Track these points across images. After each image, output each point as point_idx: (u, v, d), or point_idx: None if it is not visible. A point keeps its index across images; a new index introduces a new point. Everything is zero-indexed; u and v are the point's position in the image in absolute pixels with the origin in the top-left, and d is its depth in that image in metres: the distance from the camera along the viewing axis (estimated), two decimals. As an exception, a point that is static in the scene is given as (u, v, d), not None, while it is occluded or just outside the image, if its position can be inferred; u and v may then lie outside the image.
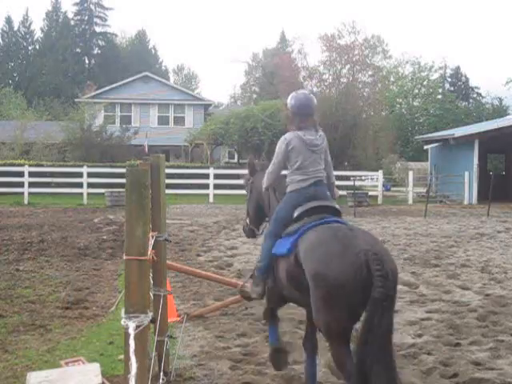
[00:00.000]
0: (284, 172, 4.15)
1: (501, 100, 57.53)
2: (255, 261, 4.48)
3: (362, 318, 3.18)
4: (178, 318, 5.65)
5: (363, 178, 30.93)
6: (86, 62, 68.30)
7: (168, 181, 5.85)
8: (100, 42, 68.56)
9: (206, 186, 24.21)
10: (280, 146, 4.07)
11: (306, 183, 3.96)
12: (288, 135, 4.07)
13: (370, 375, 3.04)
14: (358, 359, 3.12)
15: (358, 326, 3.26)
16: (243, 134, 28.69)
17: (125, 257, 2.84)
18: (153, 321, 2.87)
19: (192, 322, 5.71)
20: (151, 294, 3.52)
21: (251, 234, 4.70)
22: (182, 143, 35.26)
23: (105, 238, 11.77)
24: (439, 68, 60.22)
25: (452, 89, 63.17)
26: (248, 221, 4.68)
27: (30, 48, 67.12)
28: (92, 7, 67.75)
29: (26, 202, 21.97)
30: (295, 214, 3.85)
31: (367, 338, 3.08)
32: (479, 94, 63.89)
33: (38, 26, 79.64)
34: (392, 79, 53.87)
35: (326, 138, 4.25)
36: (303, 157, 3.97)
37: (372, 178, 30.11)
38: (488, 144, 25.67)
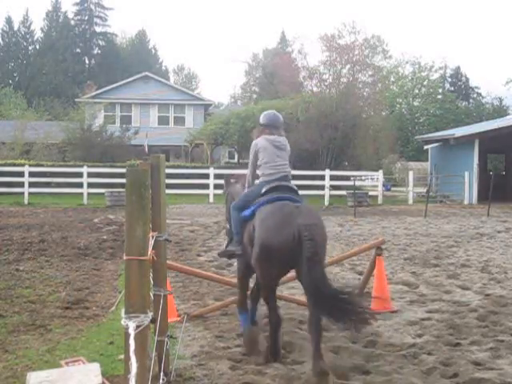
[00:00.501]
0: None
1: (501, 100, 57.58)
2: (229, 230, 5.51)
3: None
4: (178, 318, 5.65)
5: (363, 177, 30.94)
6: (86, 62, 68.32)
7: (168, 181, 5.85)
8: (100, 41, 68.58)
9: (206, 186, 24.21)
10: (251, 149, 5.07)
11: (274, 176, 4.90)
12: (256, 139, 5.10)
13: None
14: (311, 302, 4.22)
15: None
16: (243, 134, 28.68)
17: (125, 257, 2.84)
18: (153, 321, 2.87)
19: (192, 322, 5.71)
20: (151, 294, 3.52)
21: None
22: (182, 143, 35.26)
23: (105, 237, 11.77)
24: (439, 68, 60.26)
25: (452, 89, 63.17)
26: (228, 225, 5.56)
27: (30, 48, 67.12)
28: (92, 7, 67.77)
29: (26, 202, 21.97)
30: (263, 190, 4.83)
31: (305, 284, 4.23)
32: (479, 94, 63.91)
33: (38, 25, 79.74)
34: (392, 79, 53.86)
35: (326, 138, 4.83)
36: (269, 154, 4.93)
37: (372, 178, 30.12)
38: (488, 144, 25.67)
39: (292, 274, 4.97)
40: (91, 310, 6.20)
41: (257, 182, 5.15)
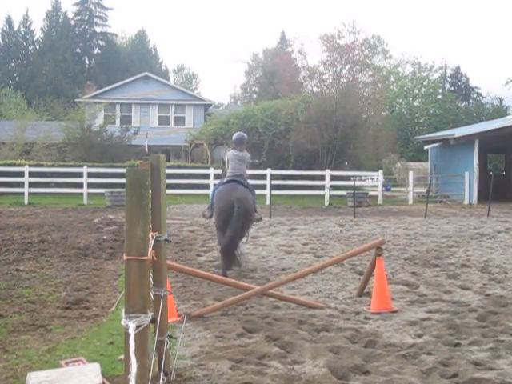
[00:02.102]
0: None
1: (501, 100, 57.62)
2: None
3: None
4: (178, 318, 5.64)
5: (363, 177, 30.95)
6: (86, 61, 68.36)
7: (168, 181, 5.91)
8: (100, 42, 68.62)
9: (206, 186, 24.21)
10: (225, 157, 8.84)
11: (233, 173, 8.50)
12: (228, 151, 8.84)
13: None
14: (226, 238, 7.98)
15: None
16: (243, 134, 28.65)
17: (125, 257, 2.85)
18: (153, 321, 2.87)
19: (192, 322, 5.71)
20: (151, 294, 3.52)
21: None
22: (182, 143, 35.26)
23: (105, 237, 11.77)
24: (439, 68, 60.32)
25: (452, 89, 63.22)
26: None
27: (30, 48, 67.12)
28: (92, 7, 67.82)
29: (26, 202, 21.98)
30: (224, 180, 8.50)
31: (230, 228, 7.91)
32: (479, 94, 63.97)
33: (38, 26, 79.93)
34: (392, 79, 53.93)
35: (326, 138, 5.29)
36: (233, 162, 8.55)
37: (372, 178, 30.10)
38: (488, 144, 25.68)
39: (293, 274, 5.01)
40: (91, 310, 6.20)
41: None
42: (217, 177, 9.99)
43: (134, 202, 2.85)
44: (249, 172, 9.05)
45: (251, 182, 28.29)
